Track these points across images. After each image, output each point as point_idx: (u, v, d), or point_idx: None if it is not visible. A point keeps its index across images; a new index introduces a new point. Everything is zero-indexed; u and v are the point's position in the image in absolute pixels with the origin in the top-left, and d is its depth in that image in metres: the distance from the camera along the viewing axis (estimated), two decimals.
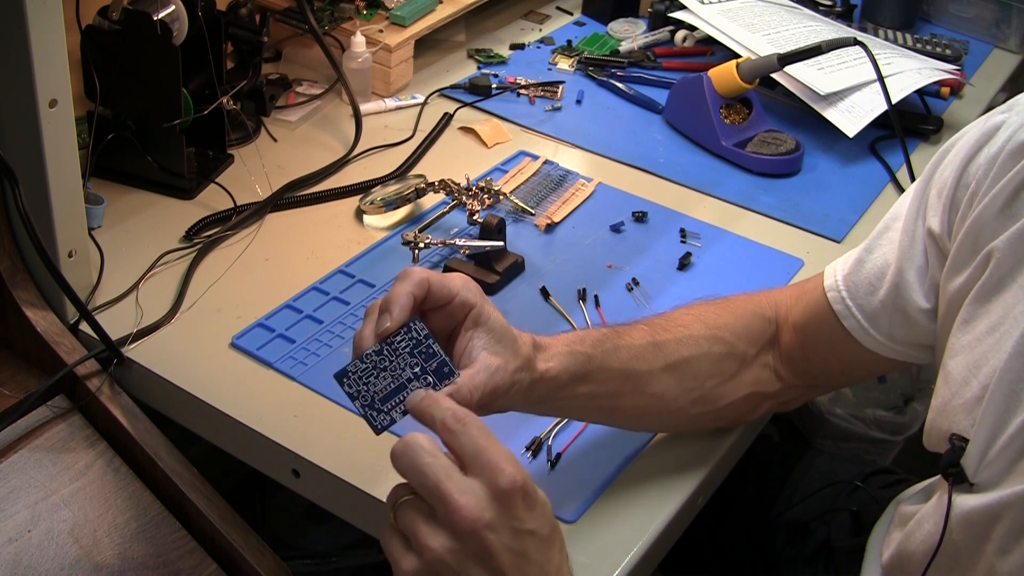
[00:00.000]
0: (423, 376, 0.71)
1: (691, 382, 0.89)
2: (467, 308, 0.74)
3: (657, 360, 0.87)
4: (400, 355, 0.71)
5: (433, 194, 1.24)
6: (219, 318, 1.05)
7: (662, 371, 0.87)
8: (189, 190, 1.22)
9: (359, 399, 0.71)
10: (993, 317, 0.74)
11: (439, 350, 0.71)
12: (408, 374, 0.71)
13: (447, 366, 0.71)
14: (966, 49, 1.71)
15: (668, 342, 0.88)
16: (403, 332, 0.71)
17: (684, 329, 0.90)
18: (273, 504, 1.51)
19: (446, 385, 0.71)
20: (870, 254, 0.89)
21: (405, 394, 0.71)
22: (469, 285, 0.75)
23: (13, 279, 0.98)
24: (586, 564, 0.84)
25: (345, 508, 0.92)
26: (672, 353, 0.88)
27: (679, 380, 0.88)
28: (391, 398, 0.71)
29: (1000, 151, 0.76)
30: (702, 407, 0.90)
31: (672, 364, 0.87)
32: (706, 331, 0.90)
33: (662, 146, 1.42)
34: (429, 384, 0.71)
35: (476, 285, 0.76)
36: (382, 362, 0.71)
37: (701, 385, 0.89)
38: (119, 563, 0.88)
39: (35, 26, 0.89)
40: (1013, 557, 0.71)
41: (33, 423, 0.94)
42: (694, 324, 0.91)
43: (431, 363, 0.71)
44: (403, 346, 0.71)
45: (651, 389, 0.87)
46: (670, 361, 0.87)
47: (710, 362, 0.90)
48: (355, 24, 1.47)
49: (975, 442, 0.73)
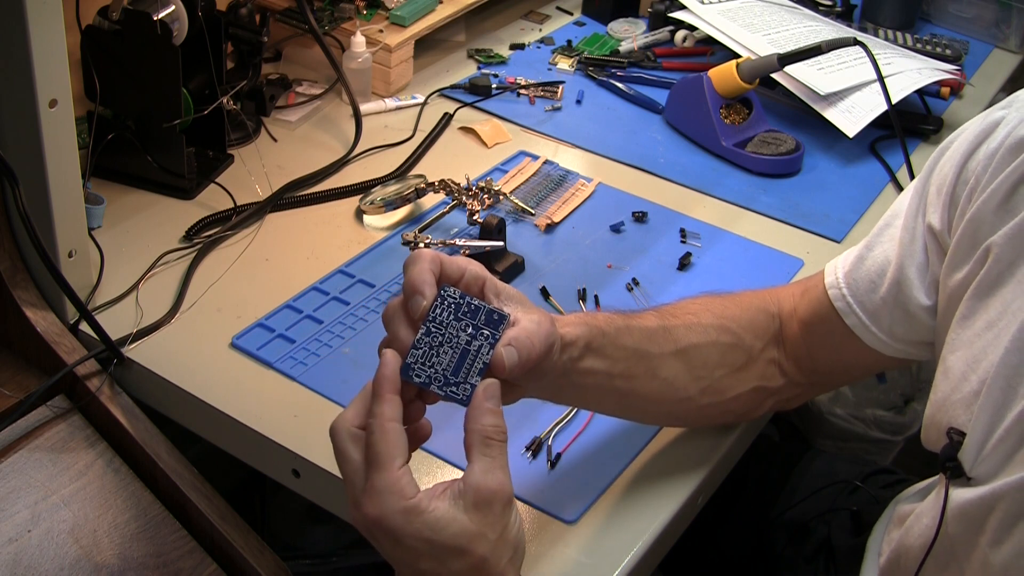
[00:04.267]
0: (478, 333, 0.71)
1: (700, 370, 0.89)
2: (480, 281, 0.74)
3: (667, 344, 0.87)
4: (448, 325, 0.71)
5: (433, 194, 1.24)
6: (219, 318, 1.05)
7: (672, 356, 0.87)
8: (189, 190, 1.22)
9: (433, 383, 0.70)
10: (992, 312, 0.74)
11: (480, 303, 0.72)
12: (464, 338, 0.71)
13: (495, 313, 0.72)
14: (966, 49, 1.71)
15: (677, 327, 0.89)
16: (437, 304, 0.71)
17: (692, 316, 0.90)
18: (273, 504, 1.50)
19: (503, 329, 0.71)
20: (870, 251, 0.89)
21: (471, 358, 0.71)
22: (472, 262, 0.75)
23: (13, 279, 0.98)
24: (586, 564, 0.84)
25: (345, 508, 0.92)
26: (681, 338, 0.88)
27: (689, 367, 0.88)
28: (460, 367, 0.71)
29: (999, 147, 0.76)
30: (710, 397, 0.90)
31: (682, 349, 0.88)
32: (714, 320, 0.91)
33: (662, 146, 1.42)
34: (487, 338, 0.71)
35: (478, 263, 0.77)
36: (434, 340, 0.71)
37: (710, 374, 0.89)
38: (119, 563, 0.88)
39: (35, 26, 0.89)
40: (1006, 548, 0.71)
41: (33, 423, 0.95)
42: (702, 312, 0.91)
43: (479, 318, 0.71)
44: (446, 316, 0.71)
45: (662, 373, 0.87)
46: (680, 346, 0.88)
47: (718, 351, 0.90)
48: (355, 24, 1.47)
49: (972, 435, 0.73)
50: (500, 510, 0.67)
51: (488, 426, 0.68)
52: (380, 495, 0.66)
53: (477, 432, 0.68)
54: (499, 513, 0.67)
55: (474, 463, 0.67)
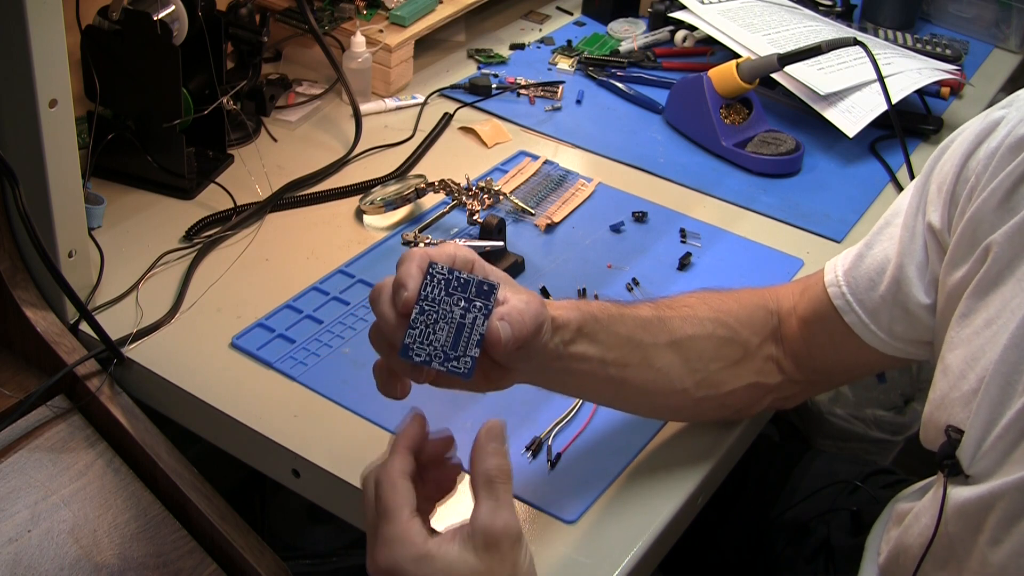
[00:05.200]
0: (471, 306, 0.72)
1: (695, 362, 0.89)
2: (469, 265, 0.75)
3: (662, 334, 0.88)
4: (440, 302, 0.72)
5: (433, 194, 1.24)
6: (219, 318, 1.06)
7: (667, 347, 0.88)
8: (189, 190, 1.22)
9: (434, 360, 0.71)
10: (991, 310, 0.74)
11: (468, 275, 0.72)
12: (458, 312, 0.72)
13: (484, 283, 0.72)
14: (966, 49, 1.71)
15: (673, 318, 0.89)
16: (427, 282, 0.72)
17: (689, 309, 0.91)
18: (273, 504, 1.51)
19: (495, 299, 0.72)
20: (870, 249, 0.89)
21: (467, 331, 0.72)
22: (461, 246, 0.76)
23: (13, 279, 0.98)
24: (586, 564, 0.84)
25: (345, 508, 0.92)
26: (677, 330, 0.88)
27: (684, 358, 0.88)
28: (458, 342, 0.72)
29: (999, 146, 0.77)
30: (705, 391, 0.90)
31: (677, 340, 0.88)
32: (711, 313, 0.91)
33: (662, 146, 1.42)
34: (480, 310, 0.72)
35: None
36: (429, 318, 0.71)
37: (705, 367, 0.90)
38: (119, 563, 0.88)
39: (35, 26, 0.89)
40: (1004, 547, 0.71)
41: (33, 423, 0.95)
42: (698, 306, 0.91)
43: (469, 290, 0.72)
44: (437, 293, 0.72)
45: (656, 363, 0.87)
46: (675, 337, 0.88)
47: (714, 344, 0.90)
48: (355, 24, 1.47)
49: (970, 433, 0.73)
50: (509, 548, 0.67)
51: (492, 468, 0.69)
52: (390, 545, 0.67)
53: (482, 474, 0.68)
54: (508, 551, 0.67)
55: (480, 505, 0.68)
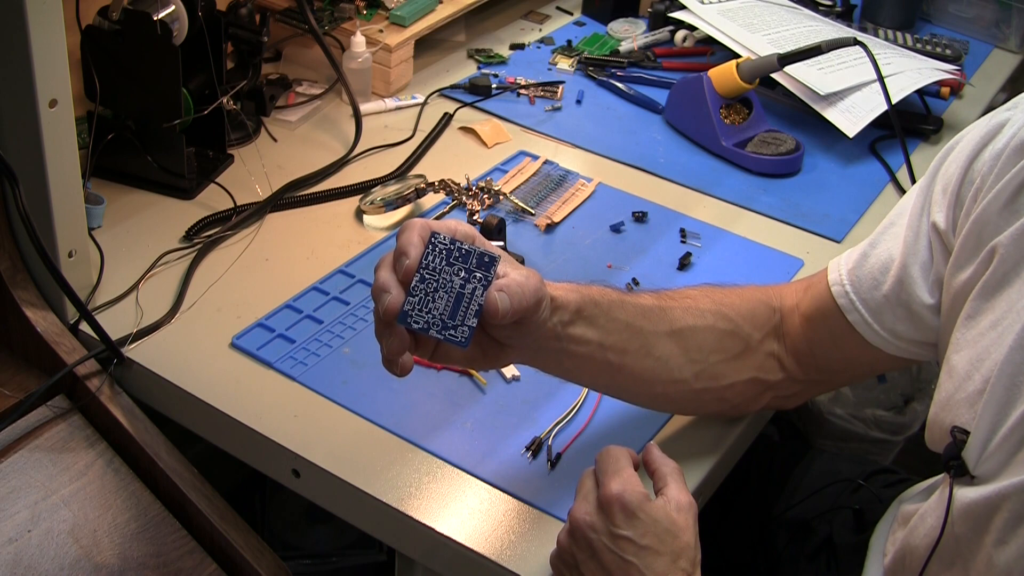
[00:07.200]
0: (471, 277, 0.73)
1: (695, 353, 0.89)
2: (470, 238, 0.76)
3: (662, 323, 0.88)
4: (441, 271, 0.73)
5: (433, 194, 1.24)
6: (219, 318, 1.05)
7: (666, 336, 0.88)
8: (189, 190, 1.22)
9: (432, 328, 0.73)
10: (996, 312, 0.74)
11: (470, 246, 0.74)
12: (457, 282, 0.73)
13: (485, 255, 0.74)
14: (966, 49, 1.71)
15: (674, 308, 0.89)
16: (429, 251, 0.73)
17: (690, 300, 0.91)
18: (273, 504, 1.50)
19: (495, 271, 0.74)
20: (874, 248, 0.89)
21: (466, 301, 0.73)
22: (463, 223, 0.77)
23: (13, 279, 0.98)
24: None
25: (345, 508, 0.92)
26: (677, 320, 0.89)
27: (684, 349, 0.89)
28: (456, 311, 0.73)
29: (1004, 148, 0.77)
30: (704, 382, 0.91)
31: (677, 331, 0.89)
32: (712, 306, 0.91)
33: (662, 146, 1.42)
34: (480, 281, 0.73)
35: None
36: (429, 286, 0.73)
37: (705, 359, 0.90)
38: (119, 563, 0.88)
39: (35, 26, 0.89)
40: (1010, 548, 0.71)
41: (33, 423, 0.94)
42: (701, 298, 0.92)
43: (470, 261, 0.74)
44: (438, 262, 0.73)
45: (656, 352, 0.88)
46: (675, 327, 0.89)
47: (714, 336, 0.90)
48: (355, 24, 1.47)
49: (976, 434, 0.73)
50: (692, 520, 0.78)
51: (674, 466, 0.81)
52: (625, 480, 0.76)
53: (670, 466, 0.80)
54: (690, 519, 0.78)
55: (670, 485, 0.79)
